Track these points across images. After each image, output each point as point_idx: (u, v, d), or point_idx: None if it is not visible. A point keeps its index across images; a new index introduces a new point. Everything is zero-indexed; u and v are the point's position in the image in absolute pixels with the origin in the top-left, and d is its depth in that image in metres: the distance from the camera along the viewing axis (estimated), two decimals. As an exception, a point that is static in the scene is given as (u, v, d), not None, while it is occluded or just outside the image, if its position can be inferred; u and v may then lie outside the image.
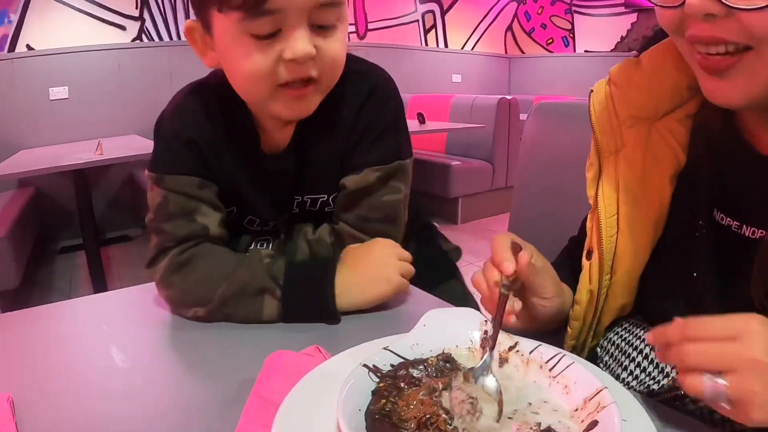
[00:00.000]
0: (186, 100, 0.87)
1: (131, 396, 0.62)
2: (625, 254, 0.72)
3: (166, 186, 0.84)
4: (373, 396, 0.49)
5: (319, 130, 0.87)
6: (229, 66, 0.78)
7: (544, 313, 0.72)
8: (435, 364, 0.55)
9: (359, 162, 0.87)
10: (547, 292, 0.71)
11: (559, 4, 6.28)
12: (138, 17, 4.40)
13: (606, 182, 0.73)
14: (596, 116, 0.74)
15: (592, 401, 0.47)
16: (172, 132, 0.85)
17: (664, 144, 0.71)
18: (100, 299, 0.94)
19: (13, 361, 0.71)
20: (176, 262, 0.81)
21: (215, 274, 0.80)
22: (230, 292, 0.78)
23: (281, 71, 0.73)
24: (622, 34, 5.68)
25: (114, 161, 2.88)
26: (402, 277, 0.81)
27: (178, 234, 0.83)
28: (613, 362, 0.74)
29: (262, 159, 0.89)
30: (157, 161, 0.86)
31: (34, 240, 3.50)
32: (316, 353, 0.65)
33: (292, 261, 0.85)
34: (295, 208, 0.94)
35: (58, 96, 4.05)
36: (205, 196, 0.85)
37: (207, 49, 0.80)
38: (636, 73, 0.72)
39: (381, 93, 0.87)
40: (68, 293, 3.24)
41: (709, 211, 0.67)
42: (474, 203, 4.51)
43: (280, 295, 0.78)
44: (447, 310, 0.61)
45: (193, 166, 0.84)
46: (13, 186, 3.89)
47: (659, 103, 0.71)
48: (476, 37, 6.51)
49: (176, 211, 0.84)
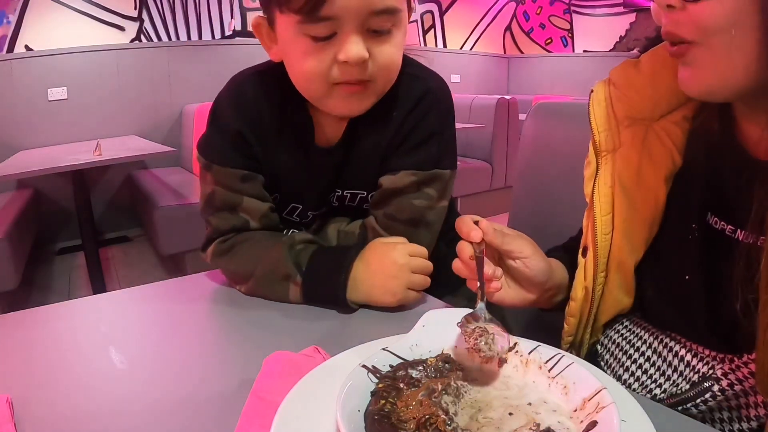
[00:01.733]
0: (244, 87, 0.90)
1: (130, 397, 0.62)
2: (619, 252, 0.73)
3: (214, 176, 0.90)
4: (372, 397, 0.49)
5: (368, 128, 0.89)
6: (289, 62, 0.82)
7: (528, 275, 0.74)
8: (434, 365, 0.54)
9: (397, 164, 0.89)
10: (524, 251, 0.73)
11: (558, 4, 6.28)
12: (137, 18, 4.40)
13: (602, 181, 0.74)
14: (595, 116, 0.75)
15: (591, 401, 0.47)
16: (224, 121, 0.89)
17: (660, 145, 0.72)
18: (99, 300, 0.94)
19: (12, 362, 0.70)
20: (220, 249, 0.90)
21: (251, 257, 0.87)
22: (261, 275, 0.85)
23: (335, 72, 0.77)
24: (621, 34, 5.69)
25: (113, 162, 2.88)
26: (410, 290, 0.81)
27: (221, 228, 0.91)
28: (614, 361, 0.74)
29: (313, 152, 0.92)
30: (207, 146, 0.91)
31: (32, 241, 3.50)
32: (315, 354, 0.65)
33: (320, 248, 0.87)
34: (334, 201, 0.97)
35: (57, 97, 4.05)
36: (250, 189, 0.90)
37: (272, 43, 0.84)
38: (635, 74, 0.73)
39: (431, 98, 0.89)
40: (67, 294, 3.24)
41: (703, 215, 0.67)
42: (473, 203, 4.52)
43: (300, 282, 0.82)
44: (446, 311, 0.61)
45: (240, 159, 0.89)
46: (12, 187, 3.89)
47: (657, 105, 0.72)
48: (475, 37, 6.51)
49: (221, 205, 0.90)
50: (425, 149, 0.88)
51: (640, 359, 0.71)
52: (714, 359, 0.63)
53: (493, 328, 0.58)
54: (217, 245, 0.90)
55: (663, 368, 0.68)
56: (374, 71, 0.78)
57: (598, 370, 0.54)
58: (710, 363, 0.63)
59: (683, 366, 0.66)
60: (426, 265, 0.83)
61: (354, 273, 0.80)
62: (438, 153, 0.89)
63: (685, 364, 0.66)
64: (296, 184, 0.95)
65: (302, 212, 0.98)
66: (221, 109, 0.90)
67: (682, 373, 0.66)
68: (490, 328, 0.57)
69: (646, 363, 0.70)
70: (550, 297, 0.80)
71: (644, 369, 0.70)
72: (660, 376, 0.67)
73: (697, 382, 0.63)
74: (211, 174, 0.90)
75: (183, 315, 0.83)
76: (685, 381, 0.65)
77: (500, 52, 6.83)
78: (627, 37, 5.64)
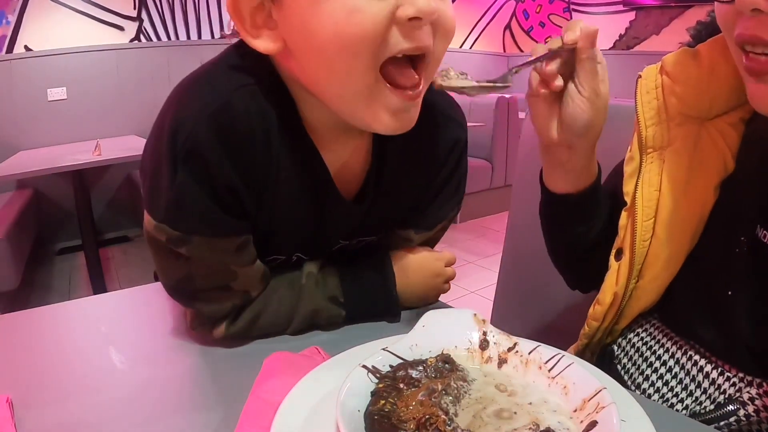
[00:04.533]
0: (233, 114, 0.60)
1: (130, 397, 0.62)
2: (656, 260, 0.68)
3: (193, 251, 0.64)
4: (372, 397, 0.49)
5: (398, 176, 0.75)
6: (313, 41, 0.56)
7: (573, 115, 0.64)
8: (434, 365, 0.54)
9: (434, 218, 0.82)
10: (587, 84, 0.62)
11: (558, 3, 6.28)
12: (136, 18, 4.40)
13: (647, 182, 0.68)
14: (642, 107, 0.68)
15: (591, 402, 0.47)
16: (208, 171, 0.60)
17: (713, 147, 0.66)
18: (99, 300, 0.94)
19: (12, 362, 0.70)
20: (233, 332, 0.71)
21: (280, 318, 0.73)
22: (300, 328, 0.74)
23: (395, 37, 0.55)
24: (621, 32, 5.68)
25: (112, 162, 2.88)
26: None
27: (218, 314, 0.70)
28: (632, 366, 0.71)
29: (331, 203, 0.71)
30: (180, 211, 0.62)
31: (32, 241, 3.50)
32: (315, 354, 0.65)
33: (343, 272, 0.76)
34: (335, 251, 0.81)
35: (57, 97, 4.06)
36: (244, 258, 0.68)
37: (260, 27, 0.59)
38: (693, 65, 0.65)
39: (462, 145, 0.80)
40: (67, 294, 3.24)
41: (753, 227, 0.61)
42: (473, 202, 4.50)
43: (345, 315, 0.75)
44: (446, 311, 0.61)
45: (233, 223, 0.65)
46: (12, 187, 3.89)
47: (713, 102, 0.66)
48: (474, 36, 6.51)
49: (206, 286, 0.68)
50: (457, 195, 0.83)
51: (661, 369, 0.67)
52: (742, 381, 0.60)
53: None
54: (227, 328, 0.71)
55: (686, 383, 0.64)
56: (437, 43, 0.59)
57: (598, 370, 0.54)
58: (737, 384, 0.60)
59: (708, 383, 0.62)
60: (454, 272, 0.84)
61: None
62: (464, 192, 0.84)
63: (710, 382, 0.62)
64: (296, 237, 0.74)
65: (286, 260, 0.77)
66: (200, 151, 0.58)
67: (706, 390, 0.62)
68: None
69: (668, 374, 0.66)
70: (567, 171, 0.72)
71: (665, 380, 0.66)
72: (682, 391, 0.64)
73: (723, 404, 0.60)
74: (188, 248, 0.63)
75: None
76: (710, 400, 0.62)
77: (500, 50, 6.82)
78: (626, 35, 5.64)
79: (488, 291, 3.06)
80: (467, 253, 3.66)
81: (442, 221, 0.83)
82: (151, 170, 0.64)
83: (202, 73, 0.64)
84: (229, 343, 0.72)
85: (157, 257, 0.67)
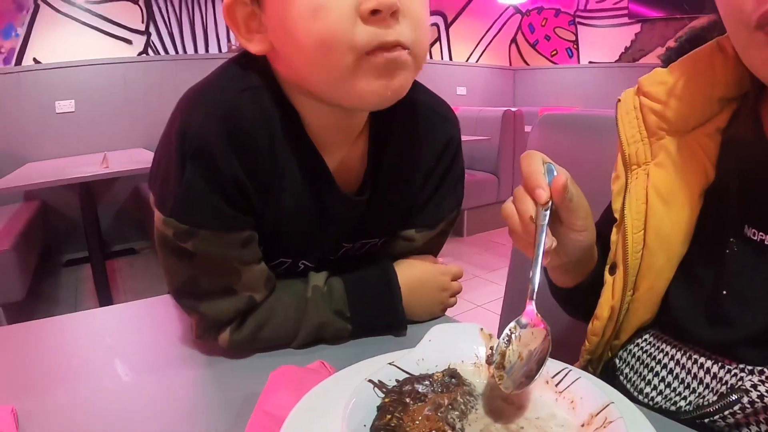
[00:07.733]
0: (240, 113, 0.64)
1: (135, 410, 0.62)
2: (650, 270, 0.70)
3: (199, 245, 0.66)
4: (378, 411, 0.49)
5: (395, 169, 0.78)
6: (291, 41, 0.61)
7: (573, 246, 0.68)
8: (440, 380, 0.54)
9: (434, 216, 0.83)
10: (578, 221, 0.66)
11: (563, 16, 6.30)
12: (144, 31, 4.45)
13: (633, 196, 0.70)
14: (623, 127, 0.71)
15: (598, 416, 0.46)
16: (217, 165, 0.63)
17: (693, 158, 0.68)
18: (106, 312, 0.94)
19: (18, 373, 0.71)
20: (237, 339, 0.71)
21: (285, 330, 0.74)
22: (306, 341, 0.74)
23: (359, 33, 0.58)
24: (626, 45, 5.69)
25: (119, 174, 2.89)
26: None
27: (221, 320, 0.71)
28: (634, 375, 0.72)
29: (333, 198, 0.74)
30: (187, 205, 0.65)
31: (39, 253, 3.52)
32: (321, 368, 0.64)
33: (348, 285, 0.77)
34: (339, 255, 0.83)
35: (65, 109, 4.09)
36: (248, 256, 0.70)
37: (253, 32, 0.65)
38: (667, 83, 0.70)
39: (456, 143, 0.82)
40: (73, 306, 3.25)
41: (740, 227, 0.64)
42: (480, 215, 4.52)
43: (351, 329, 0.76)
44: (452, 326, 0.61)
45: (239, 217, 0.68)
46: (19, 199, 3.91)
47: (690, 116, 0.69)
48: (480, 50, 6.54)
49: (211, 288, 0.70)
50: (457, 193, 0.85)
51: (662, 372, 0.68)
52: (743, 371, 0.61)
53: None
54: (231, 335, 0.71)
55: (688, 381, 0.65)
56: (406, 32, 0.60)
57: (605, 384, 0.54)
58: (738, 375, 0.61)
59: (709, 378, 0.63)
60: (461, 286, 0.85)
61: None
62: (462, 194, 0.86)
63: (712, 376, 0.63)
64: (300, 236, 0.76)
65: (292, 265, 0.79)
66: (208, 148, 0.62)
67: (708, 385, 0.63)
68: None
69: (669, 376, 0.67)
70: (567, 271, 0.76)
71: (667, 382, 0.67)
72: (685, 389, 0.65)
73: (725, 394, 0.60)
74: (194, 243, 0.66)
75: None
76: (712, 393, 0.62)
77: (506, 64, 6.85)
78: (632, 47, 5.65)
79: (495, 305, 3.05)
80: (474, 267, 3.66)
81: (442, 220, 0.84)
82: (161, 169, 0.68)
83: (209, 80, 0.69)
84: (235, 356, 0.72)
85: (164, 258, 0.70)
